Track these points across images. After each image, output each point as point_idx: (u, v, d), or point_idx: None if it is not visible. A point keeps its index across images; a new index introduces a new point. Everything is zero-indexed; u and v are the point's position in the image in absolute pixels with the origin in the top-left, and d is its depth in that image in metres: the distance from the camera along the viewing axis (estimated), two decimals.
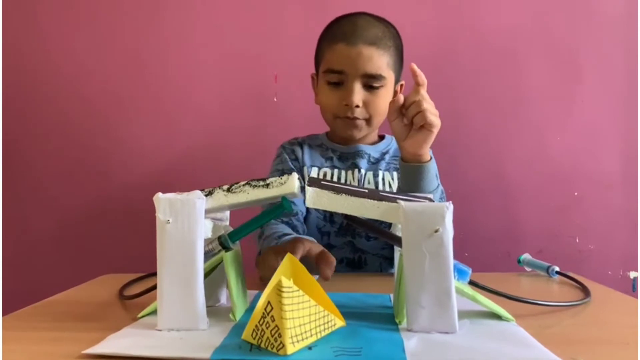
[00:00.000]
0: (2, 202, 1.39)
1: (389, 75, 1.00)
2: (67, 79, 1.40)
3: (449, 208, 0.55)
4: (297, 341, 0.51)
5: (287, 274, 0.57)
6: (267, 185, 0.60)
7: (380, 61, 0.98)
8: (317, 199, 0.59)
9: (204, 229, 0.58)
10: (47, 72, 1.40)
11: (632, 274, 1.33)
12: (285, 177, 0.60)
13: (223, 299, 0.69)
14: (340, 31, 1.00)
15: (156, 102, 1.40)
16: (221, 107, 1.39)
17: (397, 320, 0.60)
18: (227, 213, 0.67)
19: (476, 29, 1.35)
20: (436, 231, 0.54)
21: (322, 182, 0.61)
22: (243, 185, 0.61)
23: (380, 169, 1.06)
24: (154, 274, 0.69)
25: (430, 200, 0.61)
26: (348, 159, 1.08)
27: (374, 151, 1.09)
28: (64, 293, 0.83)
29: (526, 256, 1.00)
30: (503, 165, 1.35)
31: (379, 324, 0.59)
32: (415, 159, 0.87)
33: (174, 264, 0.56)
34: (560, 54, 1.34)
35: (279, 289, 0.49)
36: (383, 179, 1.05)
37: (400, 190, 0.90)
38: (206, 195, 0.60)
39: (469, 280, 0.63)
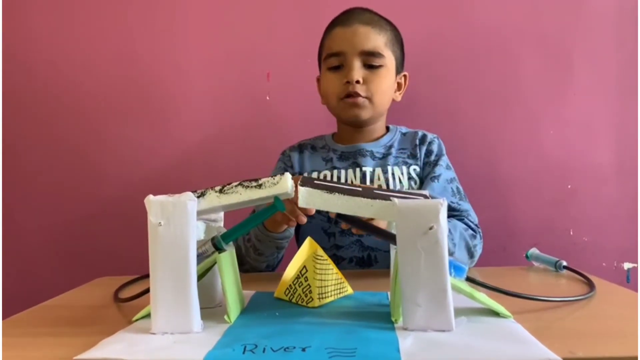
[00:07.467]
0: None
1: (388, 56, 1.00)
2: (59, 79, 1.39)
3: (443, 205, 0.54)
4: (321, 298, 0.67)
5: (308, 251, 0.72)
6: (260, 186, 0.59)
7: (377, 40, 0.99)
8: (310, 199, 0.58)
9: (197, 231, 0.58)
10: (37, 73, 1.39)
11: (626, 265, 1.33)
12: (277, 177, 0.59)
13: (218, 301, 0.68)
14: (337, 19, 1.04)
15: (147, 103, 1.38)
16: (213, 107, 1.38)
17: (393, 319, 0.59)
18: (221, 214, 0.67)
19: (468, 23, 1.34)
20: (431, 228, 0.54)
21: (315, 182, 0.60)
22: (235, 186, 0.60)
23: (389, 165, 1.04)
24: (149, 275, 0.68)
25: (426, 197, 0.60)
26: (349, 158, 1.07)
27: (376, 147, 1.07)
28: (60, 297, 0.82)
29: (534, 251, 0.99)
30: (497, 159, 1.35)
31: (375, 322, 0.59)
32: None
33: (166, 267, 0.56)
34: (552, 45, 1.34)
35: (315, 257, 0.66)
36: (393, 174, 1.03)
37: None
38: (198, 197, 0.60)
39: (465, 276, 0.63)
